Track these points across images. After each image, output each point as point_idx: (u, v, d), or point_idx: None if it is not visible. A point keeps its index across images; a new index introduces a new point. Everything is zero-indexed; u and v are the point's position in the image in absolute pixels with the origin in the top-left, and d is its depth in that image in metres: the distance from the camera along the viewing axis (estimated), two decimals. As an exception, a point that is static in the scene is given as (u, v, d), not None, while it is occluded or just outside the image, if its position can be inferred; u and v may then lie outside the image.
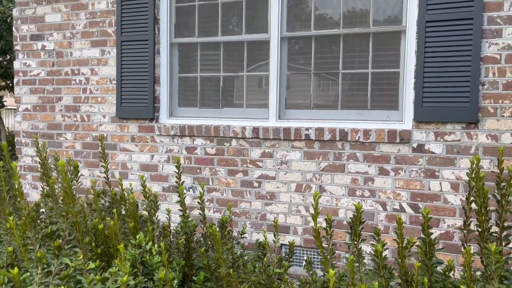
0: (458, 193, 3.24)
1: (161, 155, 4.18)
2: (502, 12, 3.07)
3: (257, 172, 3.83)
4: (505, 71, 3.09)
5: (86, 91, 4.45)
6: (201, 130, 3.98)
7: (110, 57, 4.33)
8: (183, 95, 4.27)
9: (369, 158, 3.48)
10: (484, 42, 3.12)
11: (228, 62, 4.10)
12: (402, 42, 3.48)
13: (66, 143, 4.57)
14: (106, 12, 4.32)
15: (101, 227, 2.70)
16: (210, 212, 3.99)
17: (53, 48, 4.57)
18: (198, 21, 4.15)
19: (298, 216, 3.71)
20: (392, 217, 3.43)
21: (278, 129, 3.71)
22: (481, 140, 3.17)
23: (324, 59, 3.76)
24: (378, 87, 3.59)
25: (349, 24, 3.65)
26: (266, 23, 3.89)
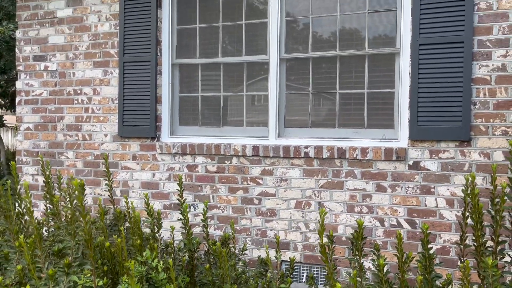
0: (453, 209, 3.35)
1: (162, 173, 4.26)
2: (491, 36, 3.23)
3: (258, 189, 3.92)
4: (495, 91, 3.23)
5: (88, 111, 4.53)
6: (202, 148, 4.07)
7: (112, 77, 4.43)
8: (184, 114, 4.37)
9: (366, 175, 3.58)
10: (475, 64, 3.27)
11: (228, 82, 4.22)
12: (397, 63, 3.63)
13: (67, 162, 4.63)
14: (109, 34, 4.44)
15: (108, 244, 2.76)
16: (211, 229, 4.06)
17: (55, 68, 4.67)
18: (199, 43, 4.29)
19: (298, 233, 3.79)
20: (390, 233, 3.52)
21: (277, 147, 3.82)
22: (474, 157, 3.29)
23: (321, 79, 3.89)
24: (374, 106, 3.72)
25: (346, 46, 3.80)
26: (265, 45, 4.03)
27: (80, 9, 4.57)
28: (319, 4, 3.88)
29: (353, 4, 3.77)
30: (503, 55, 3.21)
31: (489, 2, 3.24)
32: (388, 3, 3.66)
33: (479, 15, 3.26)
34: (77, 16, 4.58)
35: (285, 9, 3.97)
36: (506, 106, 3.21)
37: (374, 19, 3.71)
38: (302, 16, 3.93)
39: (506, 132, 3.21)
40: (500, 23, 3.21)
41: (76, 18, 4.58)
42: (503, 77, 3.22)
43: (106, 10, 4.45)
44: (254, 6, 4.10)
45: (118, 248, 2.70)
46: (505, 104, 3.21)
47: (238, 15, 4.14)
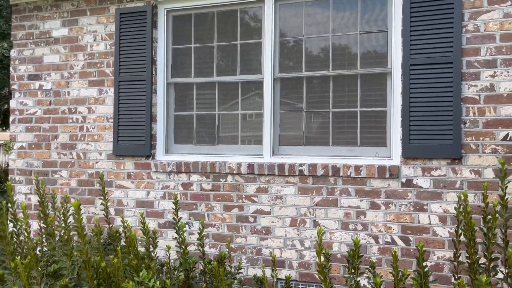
0: (446, 226, 3.40)
1: (157, 192, 4.26)
2: (479, 57, 3.34)
3: (253, 207, 3.94)
4: (484, 110, 3.32)
5: (83, 129, 4.55)
6: (197, 166, 4.09)
7: (107, 96, 4.46)
8: (179, 132, 4.40)
9: (360, 192, 3.63)
10: (464, 84, 3.36)
11: (223, 100, 4.27)
12: (389, 83, 3.71)
13: (61, 180, 4.62)
14: (104, 53, 4.48)
15: (104, 264, 2.75)
16: (206, 247, 4.06)
17: (50, 87, 4.69)
18: (194, 62, 4.35)
19: (293, 250, 3.81)
20: (384, 250, 3.56)
21: (272, 165, 3.86)
22: (465, 175, 3.36)
23: (315, 98, 3.96)
24: (367, 124, 3.79)
25: (338, 65, 3.88)
26: (259, 65, 4.10)
27: (75, 29, 4.62)
28: (312, 25, 3.97)
29: (345, 25, 3.87)
30: (491, 75, 3.31)
31: (476, 24, 3.34)
32: (379, 25, 3.76)
33: (467, 37, 3.36)
34: (72, 36, 4.62)
35: (279, 30, 4.05)
36: (495, 124, 3.29)
37: (365, 39, 3.81)
38: (295, 36, 4.02)
39: (495, 150, 3.29)
40: (488, 44, 3.32)
41: (72, 37, 4.62)
42: (492, 96, 3.31)
43: (101, 30, 4.51)
44: (248, 26, 4.18)
45: (114, 268, 2.69)
46: (494, 123, 3.30)
47: (233, 35, 4.21)
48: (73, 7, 4.63)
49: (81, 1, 4.60)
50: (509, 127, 3.26)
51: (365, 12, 3.80)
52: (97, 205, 4.47)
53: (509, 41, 3.27)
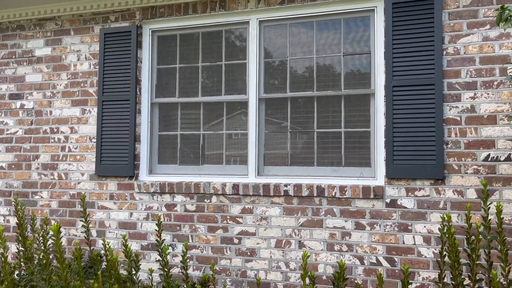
0: (430, 246, 3.40)
1: (140, 213, 4.19)
2: (460, 79, 3.40)
3: (237, 228, 3.90)
4: (466, 131, 3.37)
5: (65, 149, 4.47)
6: (181, 187, 4.05)
7: (90, 116, 4.41)
8: (163, 152, 4.36)
9: (345, 213, 3.62)
10: (446, 105, 3.42)
11: (208, 120, 4.26)
12: (372, 104, 3.75)
13: (41, 202, 4.52)
14: (88, 73, 4.45)
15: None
16: (190, 270, 3.98)
17: (32, 107, 4.63)
18: (179, 82, 4.34)
19: (279, 272, 3.76)
20: (370, 271, 3.54)
21: (257, 185, 3.84)
22: (448, 195, 3.39)
23: (299, 119, 3.98)
24: (351, 145, 3.81)
25: (322, 86, 3.92)
26: (244, 85, 4.11)
27: (59, 48, 4.58)
28: (297, 46, 4.02)
29: (329, 47, 3.92)
30: (471, 97, 3.37)
31: (456, 47, 3.42)
32: (362, 47, 3.82)
33: (447, 59, 3.44)
34: (56, 55, 4.59)
35: (264, 51, 4.09)
36: (476, 145, 3.34)
37: (349, 61, 3.86)
38: (280, 57, 4.06)
39: (477, 171, 3.33)
40: (468, 67, 3.39)
41: (55, 57, 4.59)
42: (472, 117, 3.36)
43: (85, 49, 4.48)
44: (233, 47, 4.21)
45: (94, 293, 2.61)
46: (475, 144, 3.35)
47: (218, 55, 4.23)
48: (57, 26, 4.61)
49: (65, 21, 4.58)
50: (490, 148, 3.31)
51: (348, 34, 3.87)
52: (79, 226, 4.37)
53: (488, 63, 3.35)
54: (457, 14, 3.44)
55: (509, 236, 3.23)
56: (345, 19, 3.88)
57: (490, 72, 3.34)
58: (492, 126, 3.32)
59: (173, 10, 4.25)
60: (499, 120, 3.30)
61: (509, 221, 3.24)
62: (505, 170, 3.27)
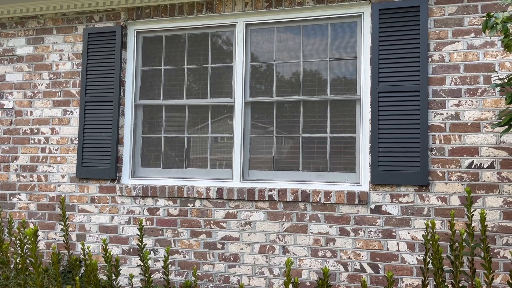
0: (414, 253, 3.40)
1: (122, 217, 4.11)
2: (445, 86, 3.42)
3: (221, 233, 3.84)
4: (450, 138, 3.39)
5: (45, 151, 4.37)
6: (164, 190, 3.98)
7: (72, 117, 4.32)
8: (147, 155, 4.29)
9: (330, 218, 3.60)
10: (430, 112, 3.43)
11: (192, 123, 4.20)
12: (358, 109, 3.75)
13: (19, 204, 4.40)
14: (71, 73, 4.36)
15: (61, 296, 2.59)
16: (172, 275, 3.91)
17: (12, 107, 4.51)
18: (164, 84, 4.28)
19: (262, 278, 3.72)
20: (354, 277, 3.52)
21: (242, 190, 3.79)
22: (432, 201, 3.39)
23: (285, 123, 3.95)
24: (336, 150, 3.80)
25: (309, 91, 3.90)
26: (230, 88, 4.08)
27: (41, 48, 4.48)
28: (283, 51, 4.00)
29: (316, 52, 3.91)
30: (456, 104, 3.39)
31: (441, 55, 3.44)
32: (349, 52, 3.82)
33: (433, 67, 3.45)
34: (37, 54, 4.48)
35: (250, 54, 4.06)
36: (460, 152, 3.36)
37: (335, 66, 3.85)
38: (266, 61, 4.03)
39: (461, 178, 3.35)
40: (452, 74, 3.41)
41: (37, 56, 4.48)
42: (457, 125, 3.38)
43: (68, 49, 4.39)
44: (220, 50, 4.17)
45: (72, 299, 2.54)
46: (459, 151, 3.36)
47: (204, 58, 4.19)
48: (39, 25, 4.51)
49: (48, 20, 4.49)
50: (474, 155, 3.33)
51: (335, 40, 3.86)
52: (58, 230, 4.26)
53: (472, 71, 3.38)
54: (442, 21, 3.47)
55: (492, 243, 3.24)
56: (332, 24, 3.88)
57: (475, 80, 3.37)
58: (476, 134, 3.34)
59: (159, 11, 4.19)
60: (483, 127, 3.33)
61: (492, 228, 3.26)
62: (488, 177, 3.29)
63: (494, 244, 3.24)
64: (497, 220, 3.25)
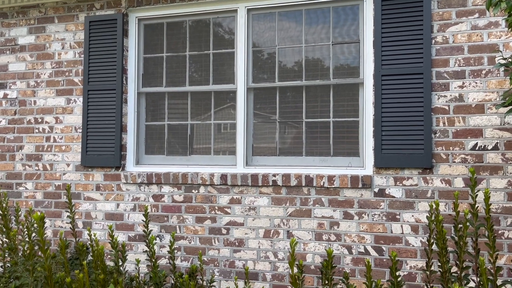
0: (418, 235, 3.41)
1: (127, 204, 4.14)
2: (448, 68, 3.40)
3: (226, 219, 3.87)
4: (454, 120, 3.38)
5: (50, 140, 4.39)
6: (168, 177, 4.00)
7: (76, 105, 4.33)
8: (150, 142, 4.30)
9: (334, 202, 3.61)
10: (434, 94, 3.42)
11: (195, 110, 4.21)
12: (361, 93, 3.74)
13: (26, 193, 4.44)
14: (73, 62, 4.36)
15: (69, 280, 2.62)
16: (177, 260, 3.95)
17: (15, 96, 4.53)
18: (166, 72, 4.28)
19: (267, 262, 3.75)
20: (358, 260, 3.54)
21: (246, 176, 3.81)
22: (436, 184, 3.39)
23: (288, 108, 3.95)
24: (339, 134, 3.80)
25: (311, 76, 3.89)
26: (232, 74, 4.07)
27: (43, 37, 4.48)
28: (285, 35, 3.98)
29: (318, 36, 3.89)
30: (459, 86, 3.37)
31: (445, 36, 3.41)
32: (351, 36, 3.79)
33: (436, 48, 3.43)
34: (39, 44, 4.48)
35: (252, 40, 4.04)
36: (464, 134, 3.35)
37: (338, 50, 3.83)
38: (268, 46, 4.01)
39: (465, 160, 3.34)
40: (456, 56, 3.39)
41: (39, 45, 4.48)
42: (461, 107, 3.37)
43: (70, 38, 4.39)
44: (221, 36, 4.16)
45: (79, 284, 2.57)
46: (463, 133, 3.35)
47: (206, 44, 4.17)
48: (41, 14, 4.50)
49: (49, 8, 4.48)
50: (478, 137, 3.32)
51: (337, 23, 3.84)
52: (64, 218, 4.30)
53: (476, 52, 3.35)
54: (446, 2, 3.43)
55: (497, 224, 3.25)
56: (334, 7, 3.85)
57: (479, 61, 3.34)
58: (480, 115, 3.32)
59: (160, -3, 4.17)
60: (487, 109, 3.31)
61: (496, 210, 3.26)
62: (492, 159, 3.28)
63: (499, 225, 3.25)
64: (501, 202, 3.25)
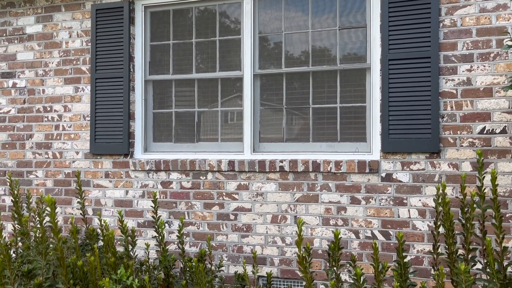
0: (425, 219, 3.42)
1: (136, 191, 4.19)
2: (456, 51, 3.38)
3: (233, 205, 3.90)
4: (461, 104, 3.36)
5: (59, 128, 4.44)
6: (176, 164, 4.03)
7: (84, 94, 4.37)
8: (158, 130, 4.34)
9: (341, 188, 3.63)
10: (442, 78, 3.40)
11: (202, 98, 4.22)
12: (368, 78, 3.73)
13: (36, 181, 4.50)
14: (80, 50, 4.39)
15: (80, 263, 2.68)
16: (186, 246, 4.00)
17: (24, 85, 4.57)
18: (173, 59, 4.29)
19: (275, 247, 3.79)
20: (365, 245, 3.56)
21: (253, 162, 3.83)
22: (443, 168, 3.39)
23: (295, 94, 3.95)
24: (346, 120, 3.80)
25: (318, 61, 3.88)
26: (239, 61, 4.07)
27: (50, 25, 4.51)
28: (292, 21, 3.97)
29: (325, 22, 3.87)
30: (467, 70, 3.35)
31: (453, 19, 3.39)
32: (359, 20, 3.77)
33: (444, 32, 3.40)
34: (47, 33, 4.51)
35: (258, 26, 4.03)
36: (472, 118, 3.34)
37: (345, 35, 3.82)
38: (275, 32, 4.01)
39: (473, 144, 3.33)
40: (464, 39, 3.36)
41: (46, 34, 4.51)
42: (468, 90, 3.35)
43: (77, 26, 4.41)
44: (227, 23, 4.15)
45: (91, 267, 2.62)
46: (471, 117, 3.34)
47: (212, 31, 4.18)
48: (48, 3, 4.52)
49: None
50: (486, 121, 3.31)
51: (344, 8, 3.81)
52: (74, 205, 4.37)
53: (485, 35, 3.32)
54: (453, -15, 3.39)
55: (504, 208, 3.25)
56: (341, -8, 3.82)
57: (487, 44, 3.31)
58: (488, 99, 3.30)
59: (165, -15, 4.17)
60: (495, 92, 3.29)
61: (504, 193, 3.25)
62: (500, 142, 3.27)
63: (506, 209, 3.24)
64: (509, 185, 3.25)
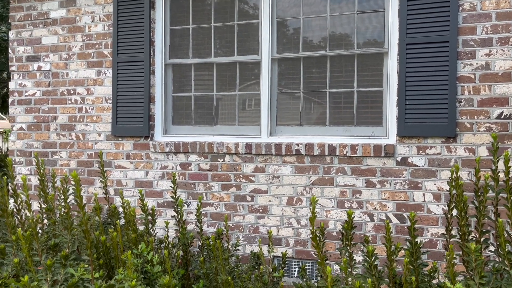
0: (440, 203, 3.45)
1: (156, 172, 4.31)
2: (475, 35, 3.36)
3: (250, 187, 3.99)
4: (479, 89, 3.35)
5: (82, 110, 4.58)
6: (195, 146, 4.13)
7: (106, 77, 4.48)
8: (177, 113, 4.43)
9: (356, 171, 3.67)
10: (460, 63, 3.39)
11: (220, 81, 4.29)
12: (385, 63, 3.73)
13: (60, 161, 4.67)
14: (103, 34, 4.49)
15: (103, 238, 2.81)
16: (204, 226, 4.11)
17: (49, 69, 4.71)
18: (192, 43, 4.36)
19: (290, 228, 3.87)
20: (379, 227, 3.62)
21: (270, 145, 3.90)
22: (459, 153, 3.40)
23: (312, 79, 3.99)
24: (363, 104, 3.82)
25: (335, 46, 3.90)
26: (257, 45, 4.12)
27: (73, 10, 4.62)
28: (310, 5, 3.98)
29: (343, 5, 3.88)
30: (486, 54, 3.33)
31: (473, 3, 3.36)
32: (377, 4, 3.77)
33: (463, 16, 3.38)
34: (70, 17, 4.63)
35: (276, 10, 4.06)
36: (489, 103, 3.33)
37: (363, 19, 3.82)
38: (292, 17, 4.03)
39: (490, 129, 3.33)
40: (484, 23, 3.34)
41: (70, 19, 4.63)
42: (487, 75, 3.33)
43: (99, 11, 4.51)
44: (246, 7, 4.19)
45: (113, 242, 2.75)
46: (488, 101, 3.33)
47: (230, 15, 4.22)
48: (71, -12, 4.63)
49: (79, -18, 4.60)
50: (504, 106, 3.29)
51: (362, -8, 3.81)
52: (97, 185, 4.52)
53: (504, 19, 3.29)
54: (474, -32, 3.36)
55: (519, 193, 3.24)
56: (360, -24, 3.82)
57: (506, 28, 3.28)
58: (507, 83, 3.29)
59: (185, -31, 4.22)
60: (514, 77, 3.27)
61: (520, 179, 3.25)
62: (518, 127, 3.26)
63: (522, 194, 3.24)
64: (525, 171, 3.24)
